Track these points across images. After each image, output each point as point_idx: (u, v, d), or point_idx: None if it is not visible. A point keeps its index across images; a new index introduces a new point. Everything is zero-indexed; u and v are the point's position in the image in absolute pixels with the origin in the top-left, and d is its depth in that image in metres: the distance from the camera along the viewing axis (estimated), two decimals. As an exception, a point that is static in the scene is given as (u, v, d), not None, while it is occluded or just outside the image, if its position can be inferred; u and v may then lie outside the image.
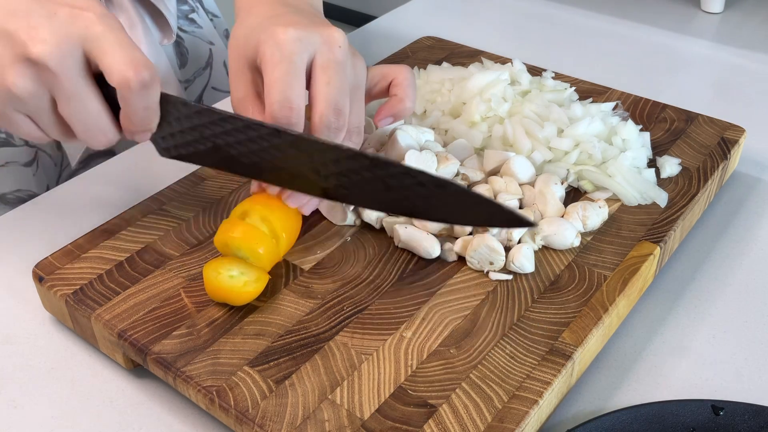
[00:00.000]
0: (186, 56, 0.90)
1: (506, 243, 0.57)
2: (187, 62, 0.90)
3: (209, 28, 0.93)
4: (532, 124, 0.67)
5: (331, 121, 0.53)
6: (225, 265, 0.53)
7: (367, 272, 0.57)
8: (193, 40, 0.90)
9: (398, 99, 0.59)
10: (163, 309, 0.54)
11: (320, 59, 0.53)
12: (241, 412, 0.47)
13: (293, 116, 0.52)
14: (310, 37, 0.53)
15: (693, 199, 0.63)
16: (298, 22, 0.54)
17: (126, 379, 0.54)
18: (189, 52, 0.90)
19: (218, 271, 0.53)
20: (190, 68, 0.91)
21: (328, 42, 0.53)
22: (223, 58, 0.95)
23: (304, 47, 0.53)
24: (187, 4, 0.90)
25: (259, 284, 0.53)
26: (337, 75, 0.53)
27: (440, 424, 0.46)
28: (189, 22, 0.90)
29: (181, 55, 0.89)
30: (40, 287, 0.57)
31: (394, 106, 0.59)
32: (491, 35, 1.00)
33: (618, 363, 0.55)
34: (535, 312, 0.53)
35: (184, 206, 0.63)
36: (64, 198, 0.71)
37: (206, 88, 0.93)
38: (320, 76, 0.53)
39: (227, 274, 0.52)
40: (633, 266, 0.56)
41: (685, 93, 0.87)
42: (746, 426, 0.48)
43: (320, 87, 0.53)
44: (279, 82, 0.52)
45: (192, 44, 0.90)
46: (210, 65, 0.93)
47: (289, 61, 0.52)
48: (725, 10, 1.06)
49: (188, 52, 0.90)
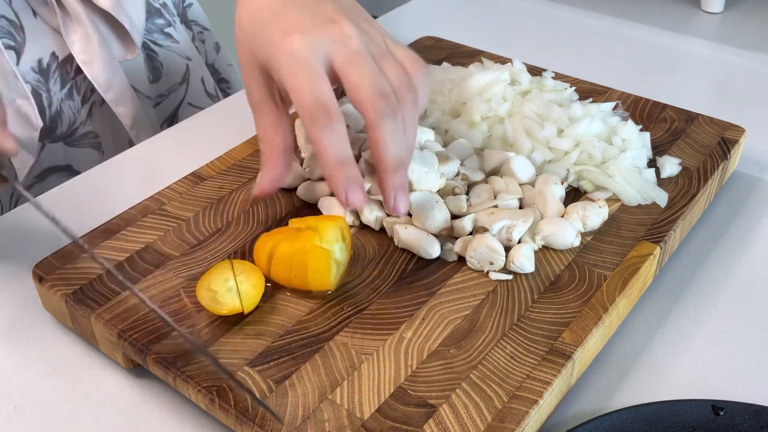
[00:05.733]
0: (160, 71, 0.88)
1: (506, 243, 0.57)
2: (161, 77, 0.88)
3: (186, 43, 0.91)
4: (532, 124, 0.67)
5: (384, 106, 0.51)
6: (217, 280, 0.53)
7: (367, 272, 0.57)
8: (168, 55, 0.89)
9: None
10: (163, 309, 0.54)
11: (339, 59, 0.51)
12: (241, 412, 0.47)
13: (333, 115, 0.50)
14: (318, 41, 0.51)
15: (693, 199, 0.63)
16: (300, 24, 0.52)
17: (126, 379, 0.54)
18: (163, 66, 0.88)
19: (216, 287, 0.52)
20: (164, 83, 0.89)
21: (338, 39, 0.52)
22: (200, 74, 0.92)
23: (315, 50, 0.51)
24: (162, 17, 0.88)
25: (257, 289, 0.53)
26: (363, 64, 0.51)
27: (440, 424, 0.46)
28: (165, 36, 0.88)
29: (154, 69, 0.88)
30: (40, 287, 0.57)
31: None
32: (491, 35, 1.00)
33: (618, 363, 0.55)
34: (535, 312, 0.53)
35: (184, 206, 0.63)
36: (64, 198, 0.71)
37: (182, 104, 0.91)
38: (349, 73, 0.51)
39: (225, 287, 0.52)
40: (633, 266, 0.56)
41: (685, 93, 0.87)
42: (746, 426, 0.48)
43: (355, 81, 0.51)
44: (306, 89, 0.50)
45: (167, 59, 0.89)
46: (187, 81, 0.91)
47: (306, 68, 0.50)
48: (725, 10, 1.06)
49: (162, 66, 0.88)
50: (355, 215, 0.61)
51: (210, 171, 0.67)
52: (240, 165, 0.68)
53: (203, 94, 0.93)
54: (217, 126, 0.80)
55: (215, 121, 0.82)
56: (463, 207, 0.59)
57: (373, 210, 0.60)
